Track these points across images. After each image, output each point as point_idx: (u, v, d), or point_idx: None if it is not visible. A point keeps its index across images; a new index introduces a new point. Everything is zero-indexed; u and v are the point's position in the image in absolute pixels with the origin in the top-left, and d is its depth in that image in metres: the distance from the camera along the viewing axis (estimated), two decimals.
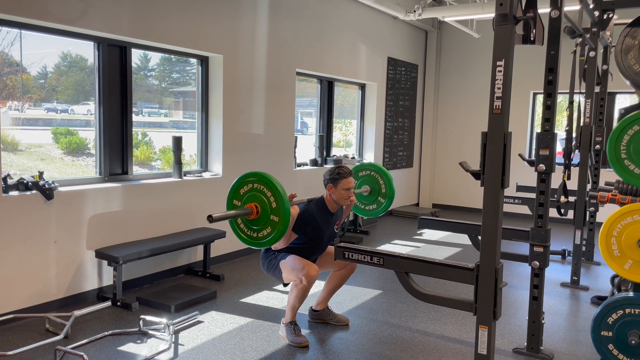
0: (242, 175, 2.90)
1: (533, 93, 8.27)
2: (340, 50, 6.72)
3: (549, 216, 3.23)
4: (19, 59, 3.97)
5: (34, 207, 3.65)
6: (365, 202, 4.08)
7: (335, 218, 3.55)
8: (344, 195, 3.40)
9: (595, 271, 5.31)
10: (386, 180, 3.99)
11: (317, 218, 3.38)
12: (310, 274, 3.24)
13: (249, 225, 2.87)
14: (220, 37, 4.96)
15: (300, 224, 3.30)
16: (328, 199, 3.46)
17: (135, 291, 4.26)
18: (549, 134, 3.14)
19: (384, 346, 3.39)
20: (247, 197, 2.85)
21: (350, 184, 3.41)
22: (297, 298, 3.36)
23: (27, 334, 3.37)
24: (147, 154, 5.14)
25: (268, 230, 2.79)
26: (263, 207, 2.79)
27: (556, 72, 3.08)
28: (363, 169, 4.09)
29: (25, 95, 4.19)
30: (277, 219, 2.75)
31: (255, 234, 2.85)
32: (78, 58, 4.38)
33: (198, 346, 3.30)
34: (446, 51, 8.89)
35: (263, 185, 2.79)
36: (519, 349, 3.34)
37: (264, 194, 2.79)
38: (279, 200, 2.73)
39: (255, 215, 2.81)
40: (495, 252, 2.30)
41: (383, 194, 3.99)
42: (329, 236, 3.53)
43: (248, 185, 2.86)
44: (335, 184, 3.39)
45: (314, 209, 3.41)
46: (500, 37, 2.27)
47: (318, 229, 3.39)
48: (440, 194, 9.08)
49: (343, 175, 3.39)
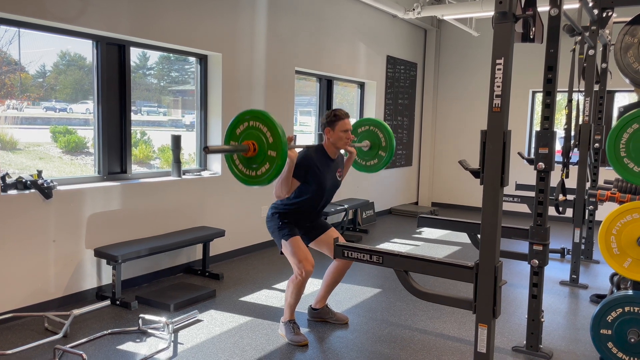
0: (238, 115, 2.83)
1: (532, 91, 8.26)
2: (339, 49, 6.71)
3: (548, 214, 3.23)
4: (18, 58, 3.97)
5: (33, 206, 3.64)
6: (367, 158, 3.96)
7: (336, 165, 3.47)
8: (343, 138, 3.33)
9: (594, 269, 5.31)
10: (386, 134, 3.89)
11: (317, 163, 3.30)
12: (306, 269, 3.25)
13: (247, 164, 2.80)
14: (219, 36, 4.95)
15: (300, 169, 3.22)
16: (327, 145, 3.39)
17: (134, 290, 4.26)
18: (548, 132, 3.13)
19: (383, 345, 3.39)
20: (243, 136, 2.80)
21: (348, 126, 3.34)
22: (293, 294, 3.35)
23: (26, 333, 3.36)
24: (146, 153, 5.13)
25: (266, 166, 2.73)
26: (260, 143, 2.73)
27: (555, 70, 3.08)
28: (361, 125, 3.99)
29: (24, 94, 4.18)
30: (274, 153, 2.69)
31: (254, 173, 2.79)
32: (77, 57, 4.37)
33: (197, 345, 3.30)
34: (445, 49, 8.89)
35: (259, 122, 2.74)
36: (518, 347, 3.34)
37: (260, 131, 2.73)
38: (275, 134, 2.67)
39: (253, 152, 2.75)
40: (494, 250, 2.29)
41: (383, 147, 3.88)
42: (332, 184, 3.44)
43: (244, 124, 2.79)
44: (332, 126, 3.33)
45: (314, 154, 3.33)
46: (500, 35, 2.26)
47: (319, 174, 3.31)
48: (439, 192, 9.08)
49: (340, 117, 3.33)
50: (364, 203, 6.92)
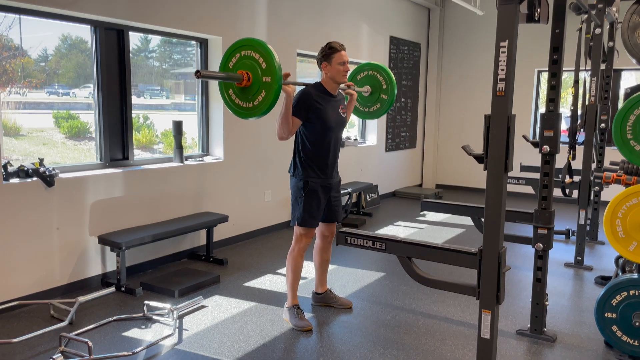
0: (229, 47, 2.80)
1: (538, 71, 8.15)
2: (341, 30, 6.62)
3: (553, 197, 3.20)
4: (19, 42, 3.93)
5: (35, 194, 3.63)
6: (369, 104, 3.90)
7: (338, 102, 3.38)
8: (341, 71, 3.25)
9: (599, 251, 5.29)
10: (385, 75, 3.81)
11: (316, 99, 3.22)
12: (304, 241, 3.36)
13: (243, 96, 2.76)
14: (219, 19, 4.88)
15: (300, 106, 3.14)
16: (325, 80, 3.30)
17: (139, 276, 4.27)
18: (554, 114, 3.09)
19: (387, 329, 3.39)
20: (237, 67, 2.75)
21: (345, 57, 3.25)
22: (291, 270, 3.40)
23: (32, 321, 3.39)
24: (148, 138, 5.11)
25: (262, 94, 2.68)
26: (254, 72, 2.69)
27: (561, 51, 3.02)
28: (360, 71, 3.91)
29: (26, 79, 4.16)
30: (269, 79, 2.65)
31: (250, 104, 2.75)
32: (78, 40, 4.32)
33: (202, 331, 3.31)
34: (449, 29, 8.76)
35: (250, 50, 2.68)
36: (522, 331, 3.34)
37: (253, 59, 2.68)
38: (268, 59, 2.62)
39: (247, 81, 2.70)
40: (498, 236, 2.27)
41: (384, 90, 3.81)
42: (337, 121, 3.34)
43: (236, 56, 2.74)
44: (329, 59, 3.24)
45: (312, 90, 3.25)
46: (504, 16, 2.21)
47: (321, 109, 3.22)
48: (443, 174, 9.03)
49: (335, 49, 3.25)
50: (368, 186, 6.89)
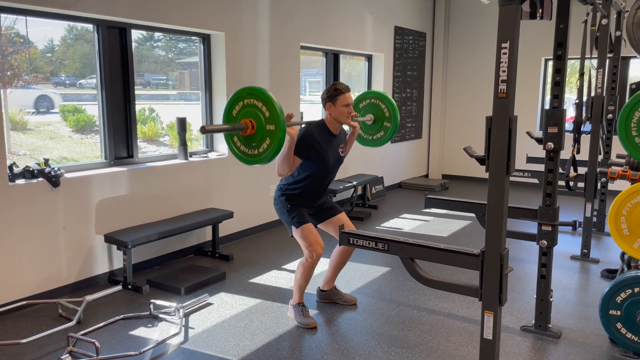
0: (232, 95, 2.82)
1: (544, 59, 8.06)
2: (345, 21, 6.57)
3: (557, 193, 3.18)
4: (25, 33, 3.93)
5: (41, 194, 3.66)
6: (372, 132, 3.93)
7: (339, 141, 3.43)
8: (345, 112, 3.28)
9: (606, 242, 5.27)
10: (388, 104, 3.84)
11: (318, 139, 3.26)
12: (316, 251, 3.26)
13: (247, 143, 2.78)
14: (222, 14, 4.85)
15: (302, 146, 3.19)
16: (329, 120, 3.34)
17: (145, 273, 4.31)
18: (558, 111, 3.06)
19: (391, 326, 3.41)
20: (240, 115, 2.77)
21: (349, 100, 3.29)
22: (303, 277, 3.37)
23: (40, 320, 3.44)
24: (154, 130, 5.13)
25: (267, 142, 2.71)
26: (258, 120, 2.71)
27: (565, 46, 2.98)
28: (362, 99, 3.93)
29: (32, 73, 4.17)
30: (273, 127, 2.67)
31: (255, 151, 2.78)
32: (84, 30, 4.31)
33: (208, 329, 3.34)
34: (455, 18, 8.67)
35: (253, 99, 2.71)
36: (527, 327, 3.34)
37: (256, 107, 2.70)
38: (272, 108, 2.65)
39: (252, 130, 2.72)
40: (500, 238, 2.26)
41: (387, 118, 3.84)
42: (335, 160, 3.41)
43: (239, 104, 2.77)
44: (333, 101, 3.28)
45: (315, 130, 3.29)
46: (505, 17, 2.18)
47: (321, 151, 3.27)
48: (449, 164, 9.00)
49: (341, 91, 3.28)
50: (373, 178, 6.88)
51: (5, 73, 3.94)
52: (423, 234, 5.62)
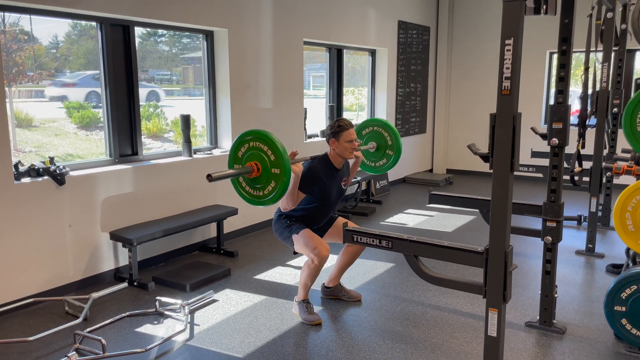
0: (237, 138, 2.86)
1: (549, 52, 8.01)
2: (348, 16, 6.55)
3: (562, 189, 3.17)
4: (29, 30, 3.94)
5: (47, 192, 3.68)
6: (374, 159, 4.00)
7: (342, 174, 3.49)
8: (348, 148, 3.34)
9: (611, 237, 5.25)
10: (391, 133, 3.89)
11: (322, 175, 3.32)
12: (322, 254, 3.25)
13: (252, 185, 2.83)
14: (224, 10, 4.85)
15: (306, 182, 3.24)
16: (332, 155, 3.40)
17: (151, 270, 4.33)
18: (562, 106, 3.04)
19: (396, 322, 3.42)
20: (246, 157, 2.82)
21: (353, 136, 3.34)
22: (309, 277, 3.38)
23: (47, 317, 3.46)
24: (159, 127, 5.14)
25: (272, 185, 2.75)
26: (263, 163, 2.75)
27: (570, 42, 2.96)
28: (366, 127, 3.99)
29: (37, 71, 4.18)
30: (278, 171, 2.71)
31: (260, 192, 2.82)
32: (88, 26, 4.32)
33: (213, 326, 3.36)
34: (459, 11, 8.62)
35: (259, 142, 2.75)
36: (532, 323, 3.34)
37: (261, 150, 2.75)
38: (276, 152, 2.69)
39: (257, 172, 2.77)
40: (504, 236, 2.26)
41: (390, 146, 3.90)
42: (337, 193, 3.47)
43: (245, 146, 2.82)
44: (337, 137, 3.33)
45: (319, 166, 3.35)
46: (509, 13, 2.16)
47: (324, 186, 3.33)
48: (454, 159, 8.97)
49: (344, 128, 3.33)
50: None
51: (10, 70, 3.95)
52: (427, 229, 5.62)
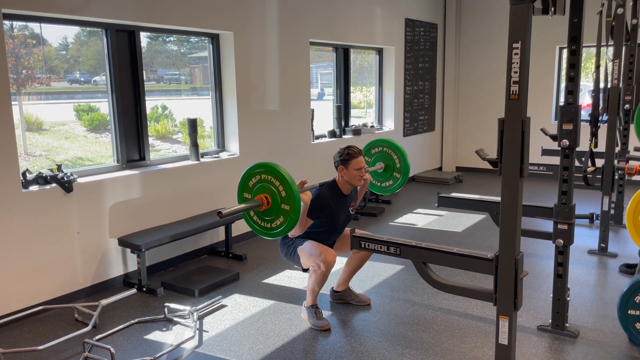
0: (249, 168, 2.88)
1: (559, 48, 7.91)
2: (355, 15, 6.51)
3: (573, 191, 3.12)
4: (39, 31, 3.95)
5: (55, 200, 3.69)
6: (381, 179, 4.01)
7: (350, 200, 3.50)
8: (356, 176, 3.34)
9: (624, 235, 5.17)
10: (400, 155, 3.91)
11: (330, 203, 3.34)
12: (327, 260, 3.23)
13: (261, 216, 2.85)
14: (230, 13, 4.83)
15: (314, 209, 3.27)
16: (340, 182, 3.40)
17: (160, 275, 4.34)
18: (573, 107, 2.99)
19: (405, 327, 3.39)
20: (256, 188, 2.83)
21: (362, 164, 3.34)
22: (316, 283, 3.36)
23: (57, 325, 3.47)
24: (167, 128, 5.14)
25: (280, 220, 2.77)
26: (273, 197, 2.77)
27: (579, 41, 2.91)
28: (375, 146, 4.01)
29: (46, 75, 4.19)
30: (288, 207, 2.72)
31: (268, 225, 2.85)
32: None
33: (222, 332, 3.35)
34: (467, 7, 8.54)
35: (271, 176, 2.76)
36: (544, 326, 3.30)
37: (272, 184, 2.76)
38: (287, 189, 2.71)
39: (267, 206, 2.79)
40: (514, 243, 2.22)
41: (398, 169, 3.91)
42: (345, 219, 3.50)
43: (256, 177, 2.83)
44: (346, 165, 3.33)
45: (327, 193, 3.36)
46: (516, 16, 2.12)
47: (333, 213, 3.36)
48: (463, 156, 8.90)
49: (353, 156, 3.32)
50: None
51: (20, 74, 3.96)
52: (437, 229, 5.57)
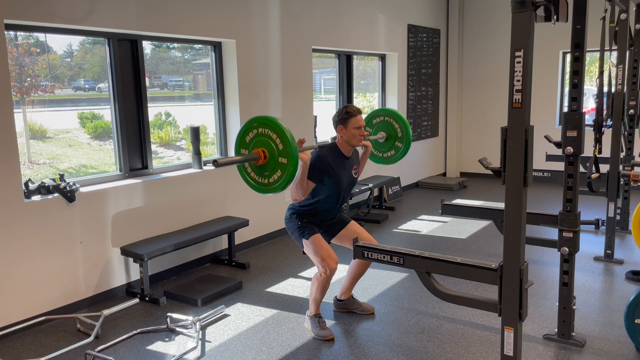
0: (246, 122, 2.83)
1: (562, 52, 7.88)
2: (357, 22, 6.50)
3: (578, 199, 3.09)
4: (44, 39, 3.96)
5: (57, 210, 3.68)
6: (383, 150, 3.93)
7: (352, 162, 3.41)
8: (356, 135, 3.26)
9: (630, 241, 5.13)
10: (401, 123, 3.82)
11: (331, 163, 3.24)
12: (330, 267, 3.21)
13: (259, 172, 2.81)
14: (232, 21, 4.83)
15: (315, 171, 3.18)
16: (341, 143, 3.32)
17: (163, 284, 4.32)
18: (577, 114, 2.96)
19: (410, 336, 3.35)
20: (253, 143, 2.79)
21: (361, 122, 3.26)
22: (318, 291, 3.34)
23: (59, 335, 3.46)
24: (171, 135, 5.14)
25: (278, 174, 2.73)
26: (270, 151, 2.73)
27: (583, 48, 2.89)
28: (376, 116, 3.92)
29: (52, 81, 4.20)
30: (285, 160, 2.68)
31: (266, 180, 2.80)
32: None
33: (224, 343, 3.33)
34: (469, 13, 8.53)
35: (267, 129, 2.72)
36: (550, 335, 3.26)
37: (269, 138, 2.72)
38: (285, 141, 2.66)
39: (264, 160, 2.75)
40: (519, 253, 2.20)
41: (400, 138, 3.83)
42: (349, 182, 3.39)
43: (253, 132, 2.79)
44: (345, 124, 3.26)
45: (327, 153, 3.27)
46: (519, 24, 2.10)
47: (334, 174, 3.26)
48: (467, 162, 8.87)
49: (352, 114, 3.25)
50: (389, 179, 6.81)
51: (23, 83, 3.97)
52: (441, 236, 5.54)
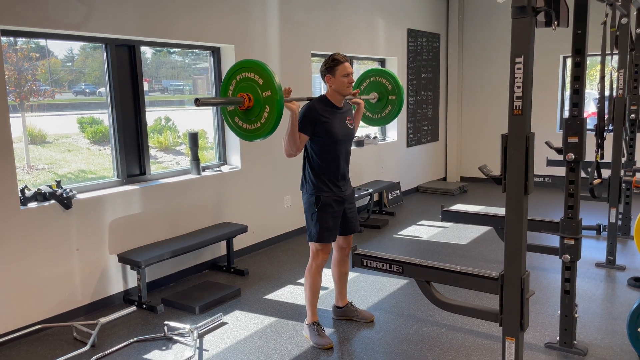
0: (228, 71, 2.82)
1: (563, 56, 7.86)
2: (356, 27, 6.48)
3: (579, 206, 3.05)
4: (45, 43, 3.95)
5: (53, 217, 3.65)
6: (379, 110, 3.86)
7: (345, 113, 3.32)
8: (345, 83, 3.19)
9: (632, 247, 5.09)
10: (390, 78, 3.77)
11: (322, 113, 3.17)
12: (321, 257, 3.30)
13: (247, 119, 2.78)
14: (231, 26, 4.81)
15: (306, 122, 3.11)
16: (330, 93, 3.25)
17: (160, 291, 4.28)
18: (578, 120, 2.93)
19: (409, 345, 3.31)
20: (236, 92, 2.78)
21: (349, 69, 3.19)
22: (309, 288, 3.35)
23: (55, 344, 3.42)
24: (170, 140, 5.12)
25: (267, 110, 2.71)
26: (254, 92, 2.71)
27: (584, 53, 2.86)
28: (363, 80, 3.87)
29: (52, 86, 4.18)
30: (269, 92, 2.67)
31: (258, 123, 2.78)
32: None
33: (222, 351, 3.29)
34: (469, 17, 8.51)
35: (250, 72, 2.70)
36: (552, 344, 3.22)
37: (250, 80, 2.71)
38: (264, 74, 2.64)
39: (249, 102, 2.73)
40: (520, 261, 2.16)
41: (391, 91, 3.78)
42: (344, 133, 3.27)
43: (233, 82, 2.78)
44: (332, 72, 3.19)
45: (317, 104, 3.20)
46: (519, 31, 2.08)
47: (327, 124, 3.17)
48: (468, 166, 8.83)
49: (339, 61, 3.18)
50: (389, 184, 6.77)
51: (22, 88, 3.95)
52: (442, 241, 5.50)
